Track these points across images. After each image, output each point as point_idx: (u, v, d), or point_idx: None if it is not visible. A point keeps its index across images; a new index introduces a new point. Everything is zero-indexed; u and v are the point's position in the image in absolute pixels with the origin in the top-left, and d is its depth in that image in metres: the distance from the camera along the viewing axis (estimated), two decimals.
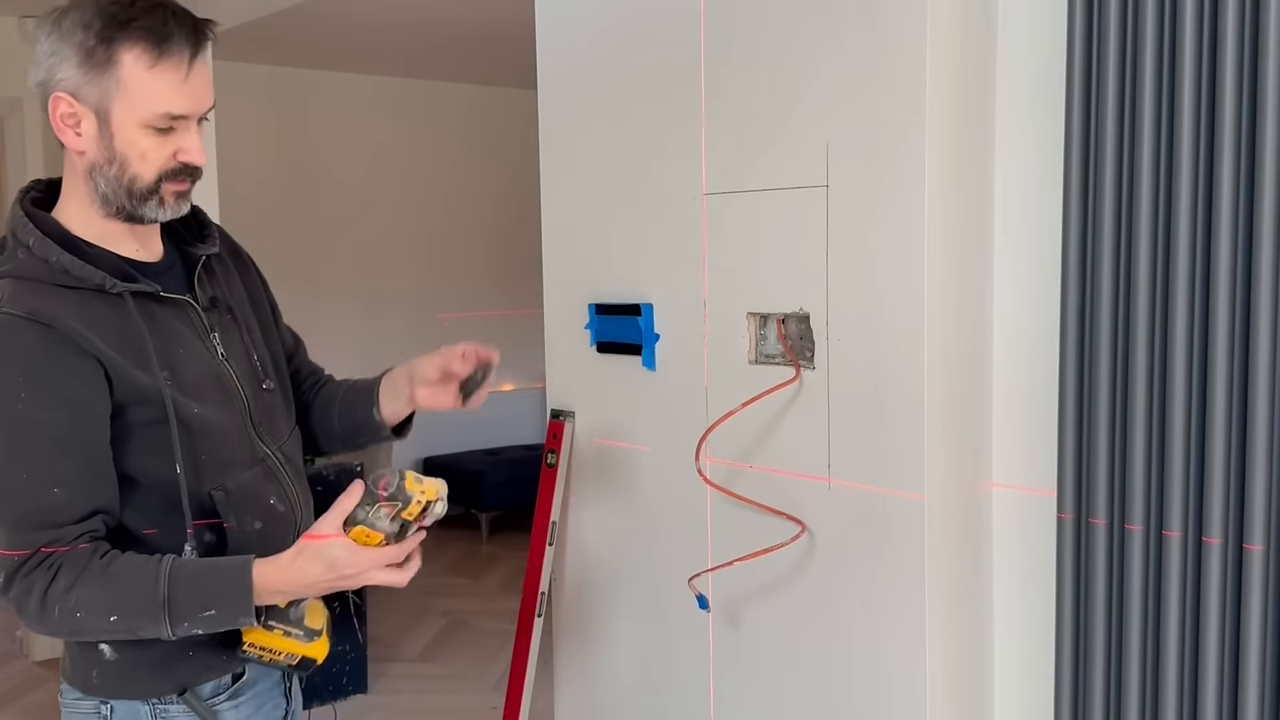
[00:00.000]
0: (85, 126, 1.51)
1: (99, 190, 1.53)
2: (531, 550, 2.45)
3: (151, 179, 1.53)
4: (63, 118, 1.51)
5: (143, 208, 1.54)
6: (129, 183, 1.52)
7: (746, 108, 1.99)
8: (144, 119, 1.50)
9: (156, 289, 1.57)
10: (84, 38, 1.48)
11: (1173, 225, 1.56)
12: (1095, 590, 1.68)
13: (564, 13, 2.34)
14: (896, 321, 1.80)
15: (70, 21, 1.49)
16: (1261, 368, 1.50)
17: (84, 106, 1.50)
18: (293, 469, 1.74)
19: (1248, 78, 1.49)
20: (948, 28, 1.76)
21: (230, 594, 1.51)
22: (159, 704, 1.61)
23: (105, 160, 1.51)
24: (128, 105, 1.49)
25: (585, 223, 2.34)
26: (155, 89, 1.49)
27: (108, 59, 1.47)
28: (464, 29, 5.58)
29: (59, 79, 1.50)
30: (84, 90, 1.49)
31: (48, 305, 1.47)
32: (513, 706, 2.49)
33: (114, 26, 1.47)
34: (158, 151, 1.52)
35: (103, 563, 1.50)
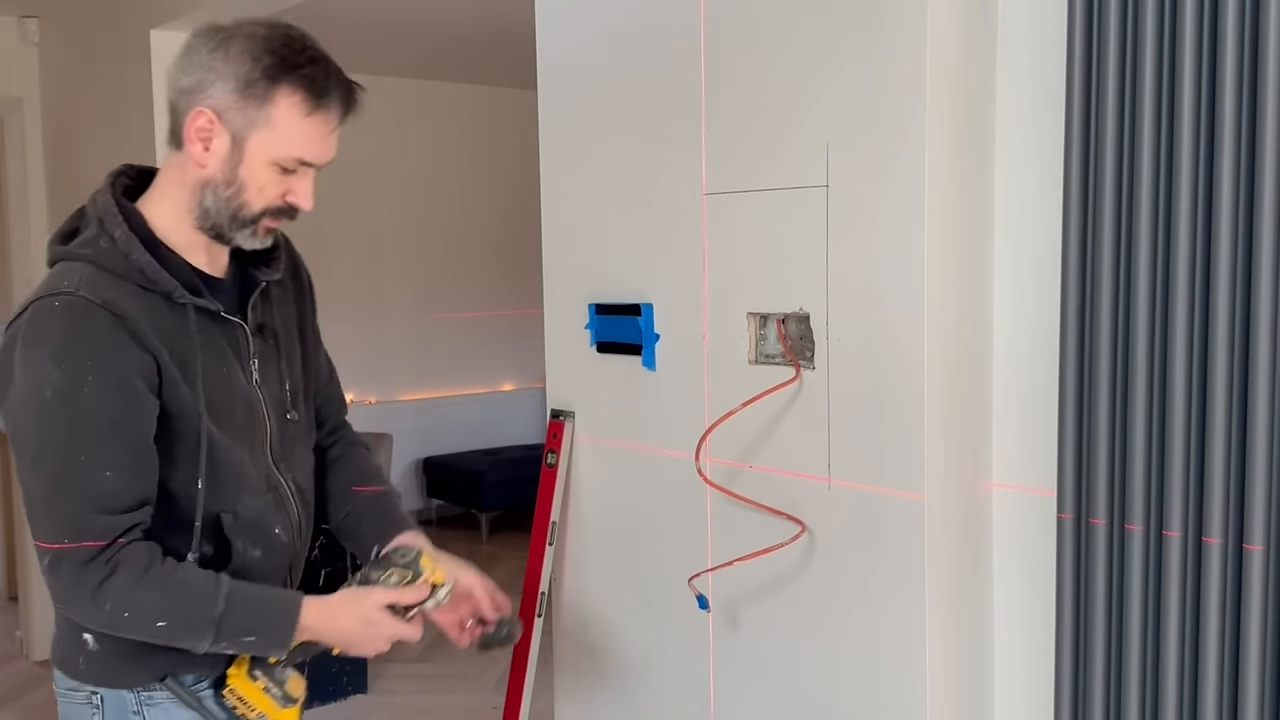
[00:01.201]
0: (217, 145, 1.54)
1: (204, 204, 1.57)
2: (531, 550, 2.45)
3: (257, 210, 1.58)
4: (198, 130, 1.54)
5: (237, 233, 1.60)
6: (236, 208, 1.57)
7: (746, 108, 1.99)
8: (277, 158, 1.55)
9: (218, 308, 1.61)
10: (250, 69, 1.52)
11: (1173, 225, 1.56)
12: (1095, 590, 1.68)
13: (564, 13, 2.34)
14: (896, 321, 1.80)
15: (239, 49, 1.52)
16: (1261, 367, 1.50)
17: (223, 127, 1.53)
18: (303, 500, 1.77)
19: (1248, 78, 1.49)
20: (948, 28, 1.76)
21: (275, 626, 1.58)
22: (143, 691, 1.65)
23: (223, 181, 1.56)
24: (267, 142, 1.54)
25: (585, 223, 2.34)
26: (299, 135, 1.54)
27: (266, 95, 1.52)
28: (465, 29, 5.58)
29: (208, 95, 1.53)
30: (230, 114, 1.53)
31: (120, 298, 1.51)
32: (513, 706, 2.49)
33: (282, 68, 1.52)
34: (274, 188, 1.57)
35: (165, 570, 1.54)
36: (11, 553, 5.42)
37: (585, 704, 2.45)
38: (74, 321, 1.49)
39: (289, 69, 1.52)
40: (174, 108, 1.57)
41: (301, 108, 1.53)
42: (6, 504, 5.39)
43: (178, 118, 1.56)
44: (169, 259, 1.57)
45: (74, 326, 1.48)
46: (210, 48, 1.53)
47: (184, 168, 1.58)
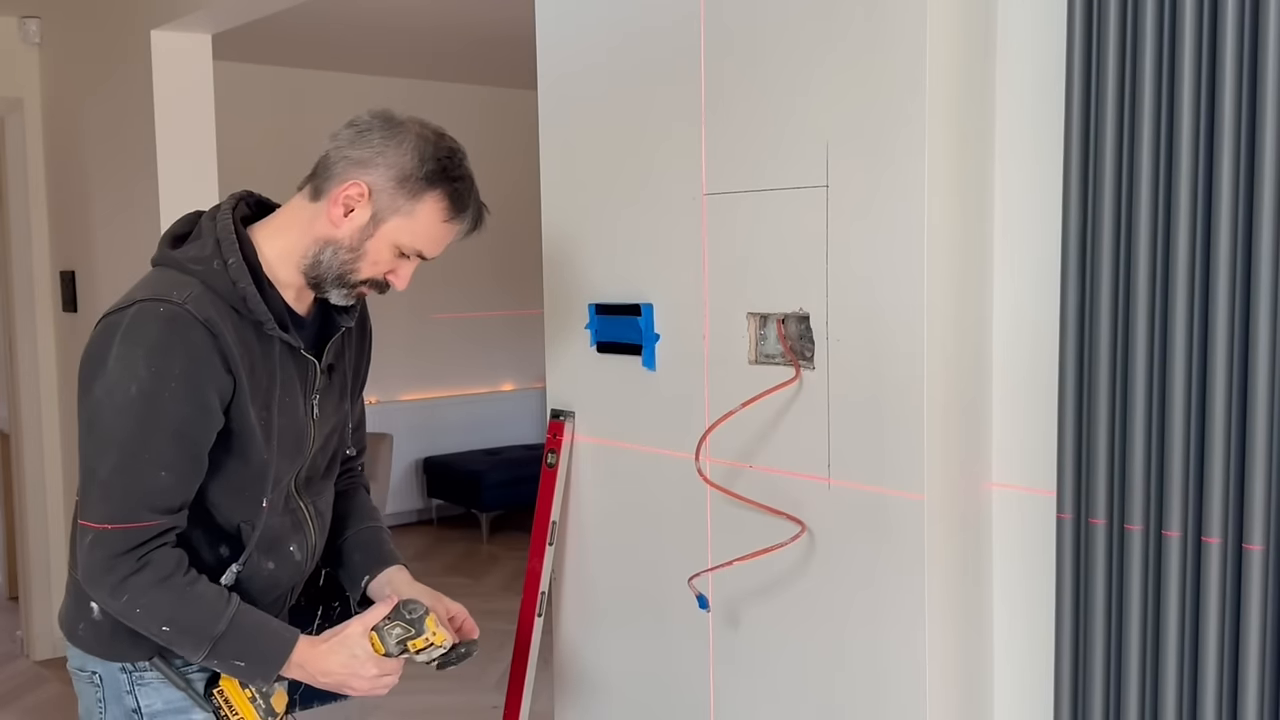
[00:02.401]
0: (357, 215, 1.70)
1: (320, 257, 1.72)
2: (531, 550, 2.45)
3: (363, 278, 1.74)
4: (347, 197, 1.69)
5: (333, 290, 1.75)
6: (347, 271, 1.72)
7: (747, 108, 1.99)
8: (402, 244, 1.71)
9: (300, 345, 1.76)
10: (414, 165, 1.68)
11: (1172, 225, 1.56)
12: (1095, 590, 1.68)
13: (564, 13, 2.34)
14: (896, 321, 1.80)
15: (410, 145, 1.69)
16: (1261, 367, 1.51)
17: (370, 203, 1.69)
18: (320, 523, 1.92)
19: (1247, 78, 1.49)
20: (948, 27, 1.76)
21: (267, 658, 1.71)
22: (134, 671, 1.77)
23: (348, 247, 1.71)
24: (401, 229, 1.70)
25: (585, 223, 2.34)
26: (430, 234, 1.72)
27: (418, 192, 1.69)
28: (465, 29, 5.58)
29: (369, 172, 1.68)
30: (380, 195, 1.68)
31: (219, 320, 1.64)
32: (513, 706, 2.50)
33: (439, 175, 1.70)
34: (384, 265, 1.73)
35: (186, 579, 1.67)
36: (11, 553, 5.43)
37: (585, 704, 2.45)
38: (173, 331, 1.62)
39: (445, 178, 1.70)
40: (329, 166, 1.71)
41: (443, 213, 1.71)
42: (7, 504, 5.40)
43: (329, 176, 1.70)
44: (268, 292, 1.72)
45: (172, 335, 1.62)
46: (384, 133, 1.69)
47: (314, 219, 1.72)
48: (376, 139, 1.69)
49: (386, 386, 7.03)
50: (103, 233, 4.29)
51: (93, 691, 1.80)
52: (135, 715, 1.78)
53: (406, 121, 1.72)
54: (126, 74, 3.94)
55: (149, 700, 1.77)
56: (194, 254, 1.70)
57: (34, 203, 4.70)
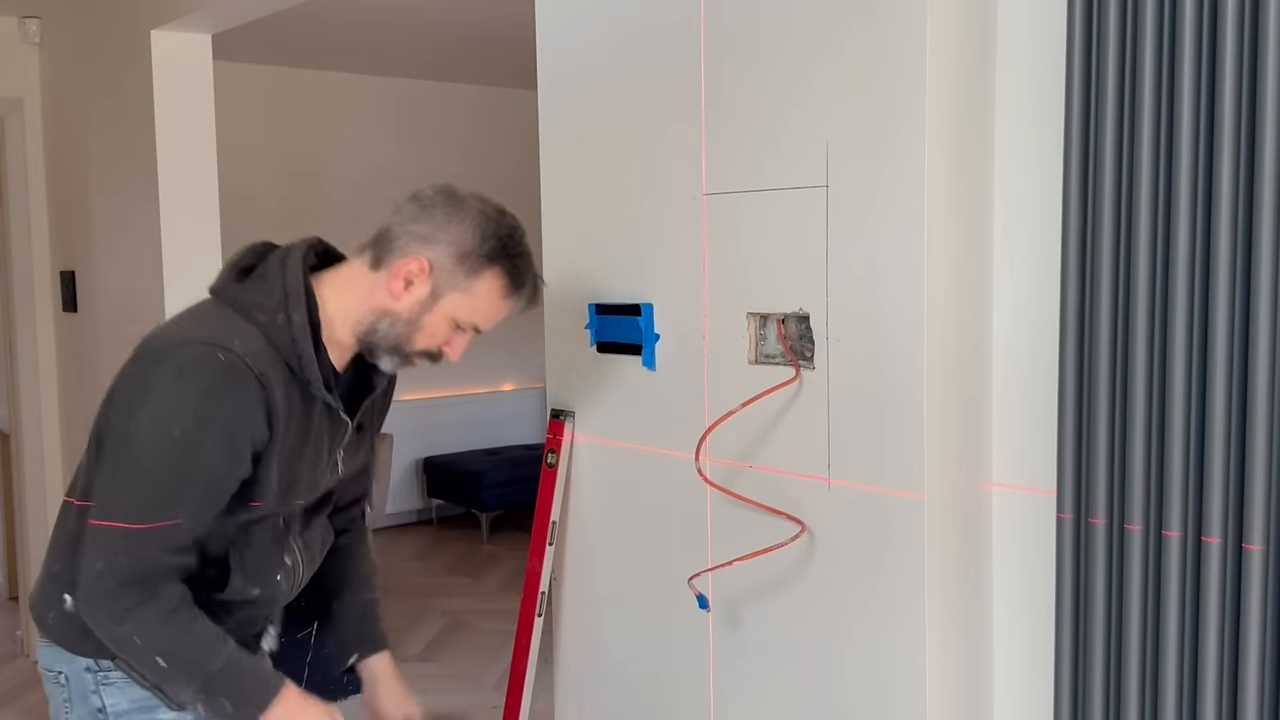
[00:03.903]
0: (416, 289, 1.71)
1: (377, 327, 1.74)
2: (531, 550, 2.45)
3: (418, 349, 1.76)
4: (408, 272, 1.71)
5: (385, 358, 1.78)
6: (402, 342, 1.75)
7: (746, 108, 1.99)
8: (460, 319, 1.74)
9: (340, 407, 1.77)
10: (475, 242, 1.70)
11: (1172, 225, 1.56)
12: (1095, 590, 1.68)
13: (564, 13, 2.34)
14: (896, 321, 1.80)
15: (471, 222, 1.71)
16: (1261, 367, 1.51)
17: (429, 279, 1.71)
18: (309, 555, 1.93)
19: (1247, 78, 1.49)
20: (947, 27, 1.76)
21: (254, 700, 1.72)
22: (99, 671, 1.77)
23: (406, 320, 1.73)
24: (459, 304, 1.73)
25: (585, 223, 2.34)
26: (488, 310, 1.75)
27: (477, 269, 1.71)
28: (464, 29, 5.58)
29: (430, 248, 1.70)
30: (440, 271, 1.71)
31: (272, 374, 1.65)
32: (513, 706, 2.50)
33: (500, 253, 1.72)
34: (439, 338, 1.76)
35: (189, 615, 1.68)
36: (11, 553, 5.43)
37: (585, 704, 2.45)
38: (229, 381, 1.62)
39: (504, 255, 1.72)
40: (391, 239, 1.73)
41: (501, 290, 1.73)
42: (7, 505, 5.40)
43: (391, 249, 1.72)
44: (321, 354, 1.73)
45: (227, 386, 1.62)
46: (447, 210, 1.72)
47: (373, 288, 1.73)
48: (439, 215, 1.71)
49: None
50: (103, 233, 4.28)
51: (59, 692, 1.80)
52: (100, 715, 1.78)
53: (468, 198, 1.74)
54: (126, 74, 3.94)
55: (114, 700, 1.77)
56: (259, 299, 1.70)
57: (34, 203, 4.70)
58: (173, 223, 3.83)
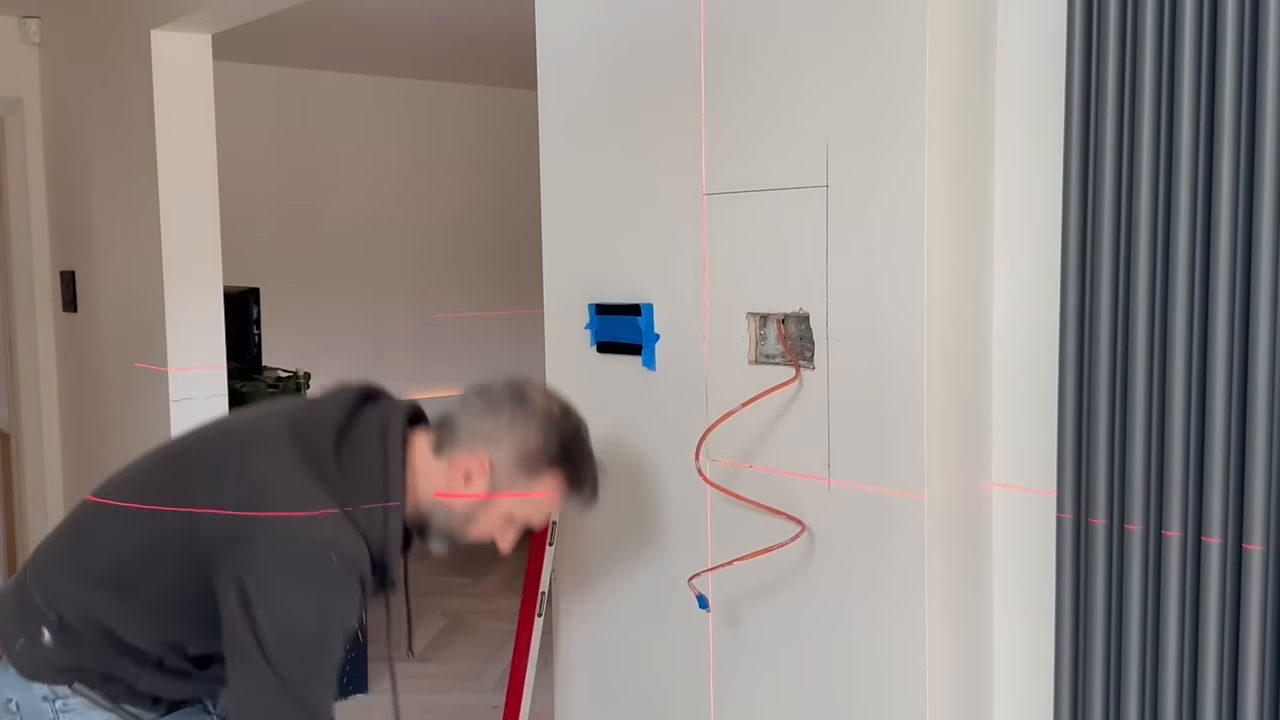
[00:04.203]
0: (475, 484, 1.72)
1: (433, 517, 1.75)
2: (531, 551, 2.45)
3: (470, 540, 1.78)
4: (467, 469, 1.72)
5: (436, 542, 1.78)
6: (456, 533, 1.77)
7: (746, 108, 1.99)
8: (515, 516, 1.75)
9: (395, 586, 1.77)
10: (537, 445, 1.72)
11: (1172, 225, 1.56)
12: (1095, 590, 1.68)
13: (564, 13, 2.34)
14: (896, 321, 1.80)
15: (536, 426, 1.73)
16: (1261, 368, 1.50)
17: (488, 477, 1.72)
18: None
19: (1247, 78, 1.49)
20: (947, 27, 1.76)
21: None
22: (56, 699, 1.74)
23: (462, 514, 1.74)
24: (516, 503, 1.74)
25: (585, 223, 2.34)
26: (544, 510, 1.77)
27: (537, 471, 1.73)
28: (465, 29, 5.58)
29: (493, 448, 1.72)
30: (500, 471, 1.72)
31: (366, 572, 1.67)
32: (513, 706, 2.50)
33: (563, 458, 1.74)
34: (491, 530, 1.77)
35: None
36: (11, 553, 5.42)
37: (585, 704, 2.45)
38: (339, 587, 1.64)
39: (565, 459, 1.74)
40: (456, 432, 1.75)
41: (559, 492, 1.76)
42: (7, 505, 5.40)
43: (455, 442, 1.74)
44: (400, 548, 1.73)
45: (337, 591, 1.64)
46: (512, 411, 1.74)
47: (433, 475, 1.75)
48: (504, 415, 1.73)
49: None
50: (103, 233, 4.28)
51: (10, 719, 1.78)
52: None
53: (534, 396, 1.76)
54: (126, 74, 3.94)
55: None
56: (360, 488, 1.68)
57: (34, 203, 4.70)
58: (173, 223, 3.83)
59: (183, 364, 3.87)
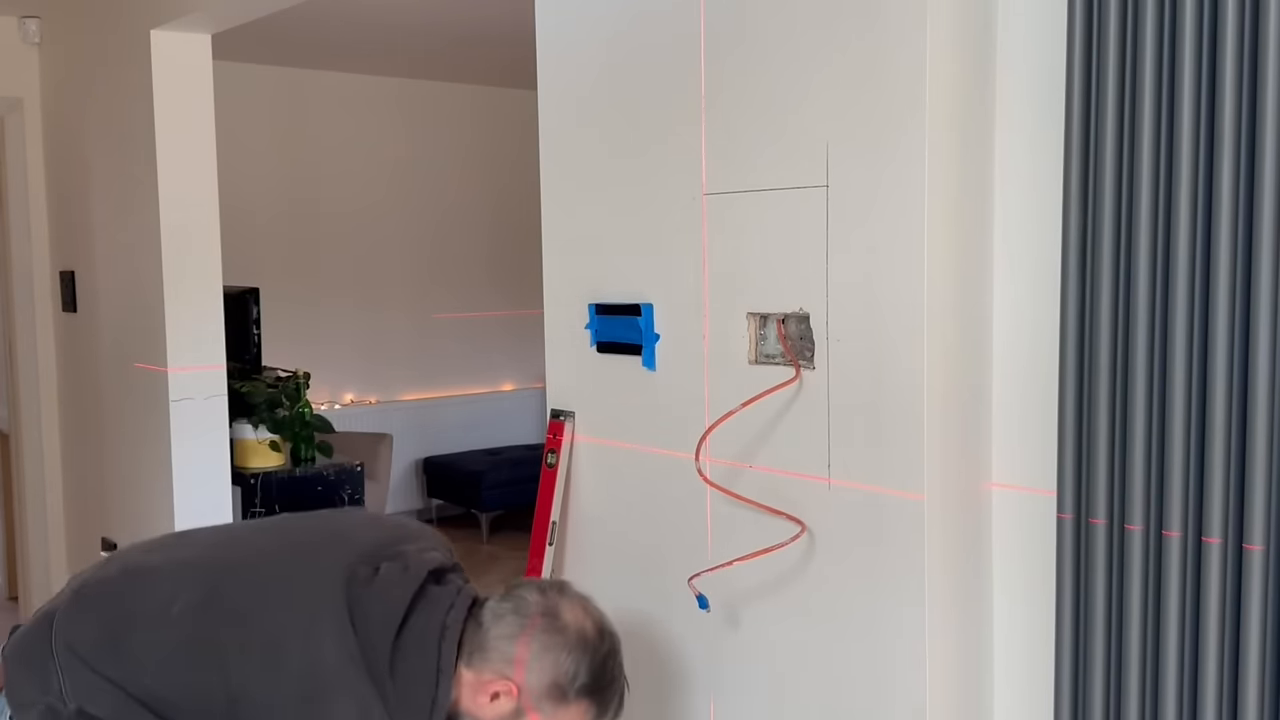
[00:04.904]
0: (501, 704, 1.71)
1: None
2: (531, 550, 2.45)
3: None
4: (495, 692, 1.70)
5: None
6: None
7: (746, 107, 1.99)
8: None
9: None
10: (568, 677, 1.70)
11: (1172, 226, 1.56)
12: (1095, 590, 1.68)
13: (564, 13, 2.34)
14: (896, 321, 1.80)
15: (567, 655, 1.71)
16: (1261, 368, 1.50)
17: (515, 700, 1.70)
18: None
19: (1248, 78, 1.49)
20: (948, 28, 1.76)
21: None
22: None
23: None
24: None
25: (585, 222, 2.34)
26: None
27: (566, 700, 1.71)
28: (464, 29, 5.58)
29: (522, 673, 1.70)
30: (528, 695, 1.70)
31: None
32: None
33: (593, 689, 1.72)
34: None
35: None
36: (11, 553, 5.42)
37: None
38: None
39: (597, 691, 1.73)
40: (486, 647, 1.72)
41: (587, 716, 1.74)
42: (7, 505, 5.40)
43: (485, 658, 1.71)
44: None
45: None
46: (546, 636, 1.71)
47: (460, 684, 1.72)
48: (537, 642, 1.70)
49: (387, 386, 7.03)
50: (103, 233, 4.29)
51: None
52: None
53: (568, 617, 1.73)
54: (126, 74, 3.94)
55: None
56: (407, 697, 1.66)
57: (34, 203, 4.70)
58: (173, 223, 3.83)
59: (182, 364, 3.87)
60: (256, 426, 4.35)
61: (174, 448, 3.86)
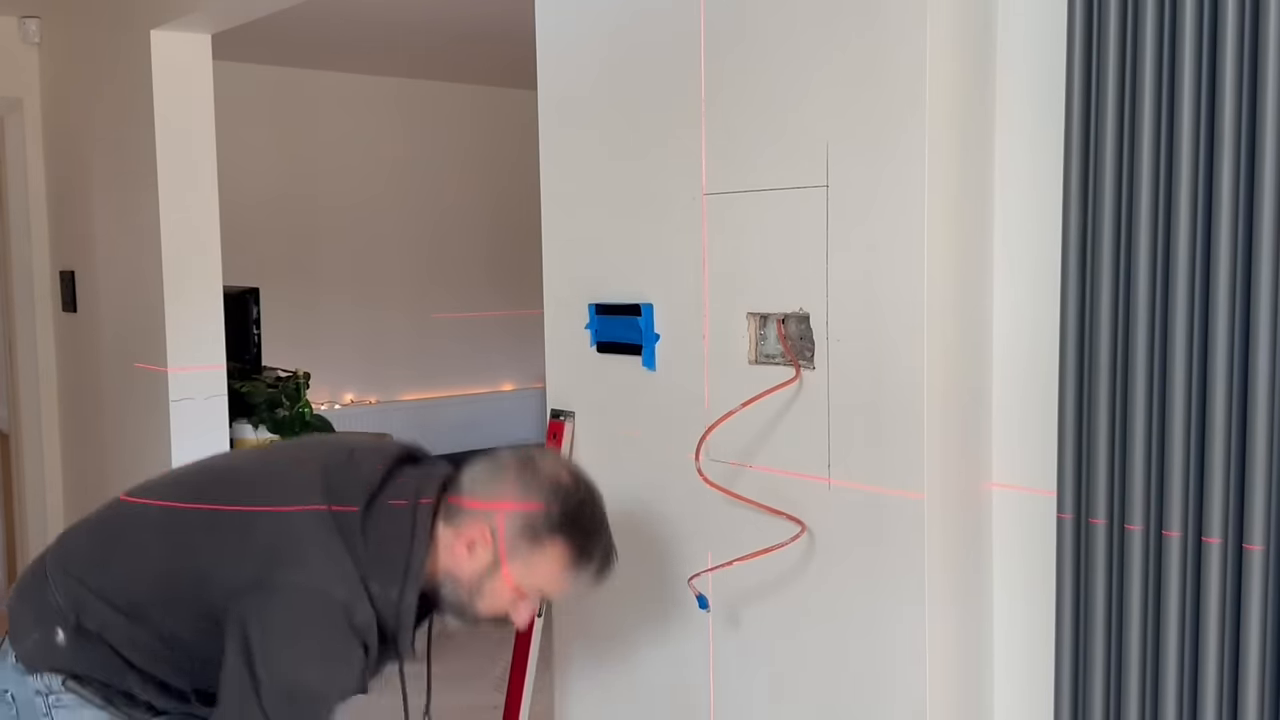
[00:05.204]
0: (479, 556, 1.68)
1: (441, 590, 1.71)
2: None
3: (481, 615, 1.72)
4: (470, 539, 1.69)
5: (450, 617, 1.75)
6: (465, 608, 1.72)
7: (747, 107, 1.99)
8: (523, 586, 1.69)
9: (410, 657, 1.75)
10: (540, 513, 1.66)
11: (1172, 226, 1.56)
12: (1095, 590, 1.68)
13: (564, 13, 2.34)
14: (896, 321, 1.80)
15: (539, 491, 1.68)
16: (1261, 368, 1.50)
17: (491, 547, 1.67)
18: None
19: (1248, 78, 1.49)
20: (947, 29, 1.76)
21: None
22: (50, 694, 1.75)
23: (468, 586, 1.70)
24: (521, 574, 1.68)
25: (585, 223, 2.34)
26: (551, 579, 1.70)
27: (540, 540, 1.66)
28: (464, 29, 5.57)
29: (495, 517, 1.68)
30: (501, 540, 1.67)
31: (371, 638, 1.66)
32: (513, 706, 2.49)
33: (565, 525, 1.67)
34: (502, 604, 1.71)
35: None
36: (11, 553, 5.42)
37: (585, 704, 2.45)
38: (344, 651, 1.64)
39: (570, 527, 1.68)
40: (461, 501, 1.71)
41: (564, 563, 1.68)
42: (7, 505, 5.40)
43: (460, 512, 1.70)
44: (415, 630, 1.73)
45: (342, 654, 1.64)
46: (517, 477, 1.69)
47: (443, 546, 1.71)
48: (508, 482, 1.69)
49: (386, 386, 7.02)
50: (103, 233, 4.28)
51: (6, 710, 1.79)
52: None
53: (543, 464, 1.72)
54: (126, 74, 3.94)
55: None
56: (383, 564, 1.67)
57: (34, 203, 4.70)
58: (172, 222, 3.83)
59: (182, 364, 3.87)
60: (256, 427, 4.36)
61: (174, 448, 3.86)
